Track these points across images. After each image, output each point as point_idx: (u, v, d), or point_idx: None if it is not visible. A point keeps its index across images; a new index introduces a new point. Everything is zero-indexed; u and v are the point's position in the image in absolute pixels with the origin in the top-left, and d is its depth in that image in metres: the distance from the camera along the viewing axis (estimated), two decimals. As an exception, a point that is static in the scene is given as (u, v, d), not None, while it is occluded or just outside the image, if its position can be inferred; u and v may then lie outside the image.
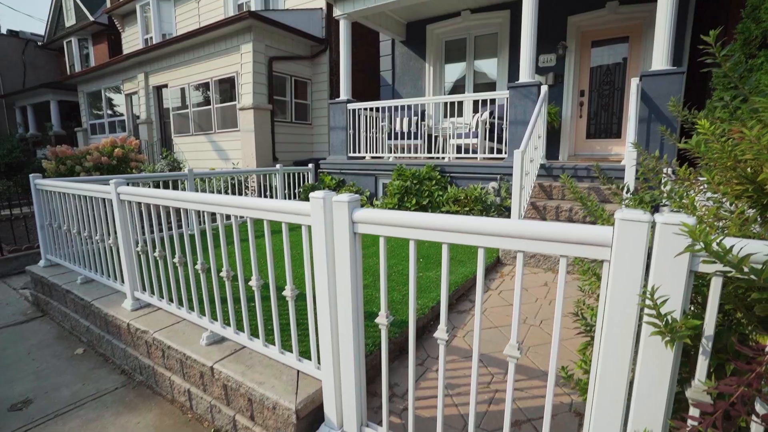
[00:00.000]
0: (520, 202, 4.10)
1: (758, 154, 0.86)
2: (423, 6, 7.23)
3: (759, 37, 3.10)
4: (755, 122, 1.12)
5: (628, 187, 2.01)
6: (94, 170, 7.35)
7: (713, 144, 1.23)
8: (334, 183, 6.79)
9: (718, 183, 1.17)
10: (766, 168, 0.86)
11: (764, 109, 0.91)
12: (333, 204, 1.59)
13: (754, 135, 0.87)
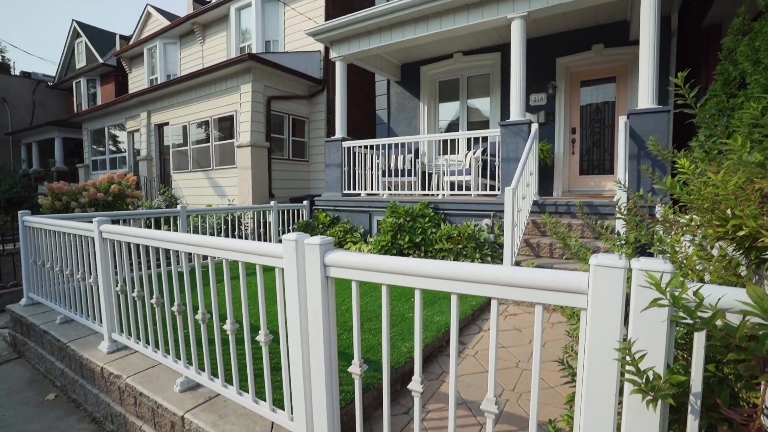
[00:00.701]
0: (512, 239, 4.04)
1: (725, 198, 0.82)
2: (417, 48, 7.50)
3: (737, 78, 3.16)
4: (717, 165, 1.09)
5: (613, 227, 1.97)
6: (89, 206, 7.35)
7: (693, 184, 1.20)
8: (328, 220, 6.77)
9: (698, 225, 1.13)
10: (736, 212, 0.82)
11: (733, 152, 0.88)
12: (305, 247, 1.54)
13: (720, 179, 0.84)
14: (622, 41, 6.35)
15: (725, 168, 1.06)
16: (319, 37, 6.89)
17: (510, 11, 5.36)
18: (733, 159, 0.77)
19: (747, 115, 1.21)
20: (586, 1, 5.00)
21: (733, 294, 0.83)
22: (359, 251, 6.01)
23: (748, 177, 0.78)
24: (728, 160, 1.14)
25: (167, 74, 13.25)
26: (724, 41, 3.43)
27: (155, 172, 11.45)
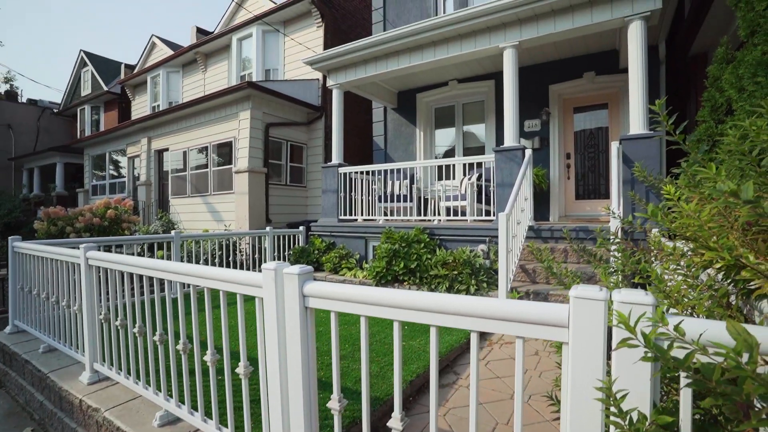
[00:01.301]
0: (507, 265, 3.99)
1: (699, 230, 0.79)
2: (413, 76, 7.66)
3: (724, 104, 3.19)
4: (699, 192, 1.07)
5: (600, 254, 1.93)
6: (84, 231, 7.32)
7: (677, 211, 1.17)
8: (324, 246, 6.72)
9: (681, 253, 1.09)
10: (710, 243, 0.79)
11: (708, 179, 0.86)
12: (284, 276, 1.50)
13: (693, 209, 0.81)
14: (613, 69, 6.48)
15: (698, 197, 1.04)
16: (317, 66, 7.04)
17: (502, 41, 5.49)
18: (708, 188, 0.75)
19: (729, 141, 1.20)
20: (575, 31, 5.12)
21: (715, 329, 0.79)
22: (354, 277, 5.94)
23: (724, 206, 0.76)
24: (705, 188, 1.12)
25: (169, 101, 13.50)
26: (709, 69, 3.49)
27: (154, 197, 11.48)
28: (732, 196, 0.68)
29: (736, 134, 1.01)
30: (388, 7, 8.83)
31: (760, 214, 0.67)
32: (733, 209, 0.87)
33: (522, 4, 5.14)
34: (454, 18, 5.59)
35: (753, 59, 2.67)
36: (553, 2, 5.01)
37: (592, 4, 4.94)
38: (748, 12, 2.76)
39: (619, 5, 4.77)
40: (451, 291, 4.81)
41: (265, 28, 10.49)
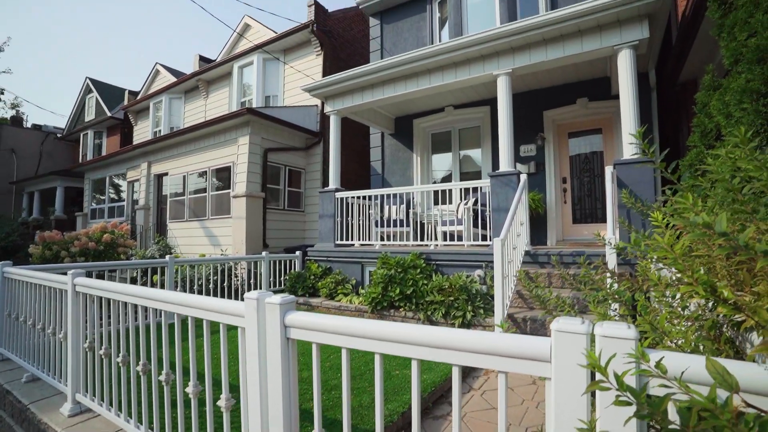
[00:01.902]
0: (503, 291, 3.94)
1: (674, 263, 0.78)
2: (409, 103, 7.79)
3: (714, 130, 3.23)
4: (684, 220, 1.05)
5: (587, 281, 1.90)
6: (79, 256, 7.28)
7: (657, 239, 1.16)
8: (320, 271, 6.66)
9: (666, 283, 1.07)
10: (685, 277, 0.76)
11: (685, 210, 0.85)
12: (266, 306, 1.47)
13: (666, 241, 0.79)
14: (605, 95, 6.60)
15: (669, 230, 1.03)
16: (315, 93, 7.17)
17: (495, 68, 5.61)
18: (683, 220, 0.73)
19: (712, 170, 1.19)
20: (566, 59, 5.24)
21: (697, 366, 0.76)
22: (350, 303, 5.86)
23: (698, 239, 0.74)
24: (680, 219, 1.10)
25: (170, 126, 13.70)
26: (697, 96, 3.55)
27: (152, 221, 11.47)
28: (705, 228, 0.67)
29: (715, 163, 1.00)
30: (385, 36, 9.08)
31: (734, 246, 0.65)
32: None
33: (514, 34, 5.29)
34: (448, 47, 5.73)
35: (738, 86, 2.71)
36: (545, 31, 5.15)
37: (581, 34, 5.07)
38: (730, 42, 2.83)
39: (608, 35, 4.90)
40: (447, 317, 4.74)
41: (265, 56, 10.76)
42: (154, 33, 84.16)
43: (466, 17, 7.79)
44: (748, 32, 2.68)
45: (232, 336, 2.58)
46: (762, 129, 2.62)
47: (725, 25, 2.91)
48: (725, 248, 0.65)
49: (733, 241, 0.64)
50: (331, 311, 5.97)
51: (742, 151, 0.89)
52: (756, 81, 2.59)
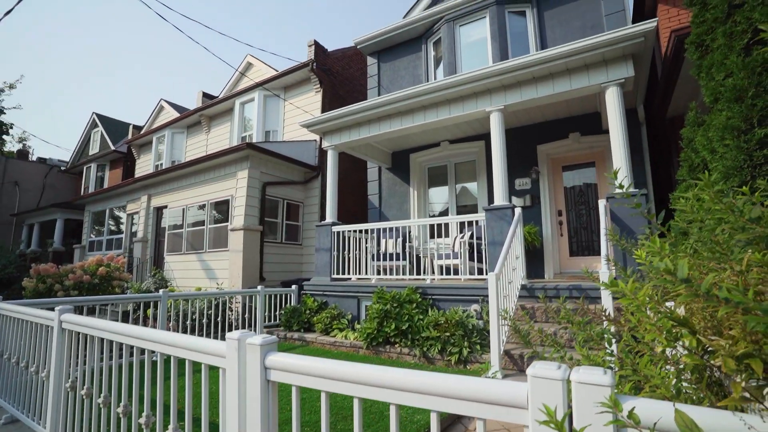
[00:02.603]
0: (498, 327, 3.87)
1: (637, 310, 0.77)
2: (406, 138, 7.95)
3: (701, 164, 3.28)
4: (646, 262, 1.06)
5: (572, 318, 1.87)
6: (73, 289, 7.22)
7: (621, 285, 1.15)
8: (316, 305, 6.57)
9: (648, 327, 1.06)
10: (647, 326, 0.76)
11: (653, 254, 0.85)
12: (246, 347, 1.44)
13: (629, 289, 0.79)
14: (597, 130, 6.74)
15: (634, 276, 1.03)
16: (313, 129, 7.34)
17: (488, 105, 5.77)
18: (647, 265, 0.74)
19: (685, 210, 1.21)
20: (556, 96, 5.40)
21: (669, 417, 0.74)
22: (345, 339, 5.74)
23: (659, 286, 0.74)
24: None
25: (172, 160, 13.92)
26: (683, 131, 3.63)
27: (149, 254, 11.44)
28: (668, 275, 0.67)
29: (687, 204, 1.02)
30: (382, 73, 9.40)
31: (696, 293, 0.65)
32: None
33: (505, 72, 5.48)
34: (442, 84, 5.92)
35: (719, 124, 2.78)
36: (534, 70, 5.34)
37: (570, 72, 5.25)
38: (709, 81, 2.93)
39: (595, 73, 5.08)
40: (443, 353, 4.63)
41: (266, 93, 11.09)
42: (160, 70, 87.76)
43: (460, 57, 8.09)
44: (724, 73, 2.78)
45: (216, 375, 2.51)
46: (745, 164, 2.67)
47: (703, 65, 3.03)
48: (688, 295, 0.65)
49: (695, 288, 0.64)
50: (326, 347, 5.84)
51: (708, 194, 0.91)
52: (735, 118, 2.66)
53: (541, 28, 7.55)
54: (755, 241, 0.84)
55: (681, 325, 0.95)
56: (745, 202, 0.94)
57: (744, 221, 0.83)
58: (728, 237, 0.89)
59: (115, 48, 73.58)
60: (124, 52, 77.18)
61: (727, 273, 1.03)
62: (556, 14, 7.44)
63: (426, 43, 8.85)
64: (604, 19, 6.83)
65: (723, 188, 2.99)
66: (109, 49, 72.11)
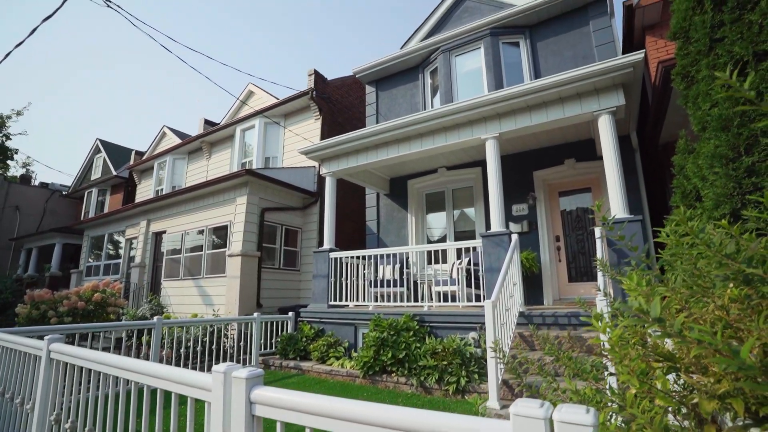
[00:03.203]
0: (496, 356, 3.79)
1: (611, 351, 0.77)
2: (403, 164, 8.04)
3: (693, 191, 3.31)
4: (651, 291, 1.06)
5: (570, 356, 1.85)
6: (67, 316, 7.13)
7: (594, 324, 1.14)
8: (312, 333, 6.48)
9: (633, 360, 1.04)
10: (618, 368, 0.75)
11: (630, 290, 0.85)
12: (232, 380, 1.42)
13: (602, 327, 0.79)
14: (591, 156, 6.83)
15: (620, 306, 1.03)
16: (311, 156, 7.44)
17: (483, 133, 5.87)
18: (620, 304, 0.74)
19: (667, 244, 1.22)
20: (550, 124, 5.51)
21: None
22: (342, 367, 5.63)
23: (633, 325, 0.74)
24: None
25: (173, 185, 14.03)
26: (674, 159, 3.68)
27: (146, 279, 11.36)
28: (641, 313, 0.67)
29: (668, 238, 1.03)
30: (380, 102, 9.61)
31: (669, 333, 0.65)
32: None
33: (500, 101, 5.60)
34: (438, 113, 6.04)
35: (708, 152, 2.83)
36: (528, 99, 5.46)
37: (562, 101, 5.37)
38: (696, 111, 2.99)
39: (587, 102, 5.19)
40: (440, 383, 4.53)
41: (267, 120, 11.30)
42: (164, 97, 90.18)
43: (456, 85, 8.29)
44: (710, 103, 2.85)
45: (203, 407, 2.45)
46: (735, 192, 2.69)
47: (690, 96, 3.10)
48: (661, 335, 0.65)
49: (667, 328, 0.64)
50: (322, 376, 5.73)
51: (685, 228, 0.92)
52: (723, 147, 2.71)
53: (535, 58, 7.77)
54: (733, 276, 0.84)
55: (667, 360, 0.94)
56: (723, 237, 0.95)
57: (720, 257, 0.83)
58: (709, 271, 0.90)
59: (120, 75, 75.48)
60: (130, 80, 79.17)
61: (711, 307, 1.03)
62: (549, 45, 7.67)
63: (423, 72, 9.09)
64: (595, 49, 7.04)
65: (716, 215, 2.98)
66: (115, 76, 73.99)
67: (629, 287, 0.84)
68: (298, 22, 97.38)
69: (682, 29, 3.22)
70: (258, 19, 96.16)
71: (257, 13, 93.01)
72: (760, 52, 2.55)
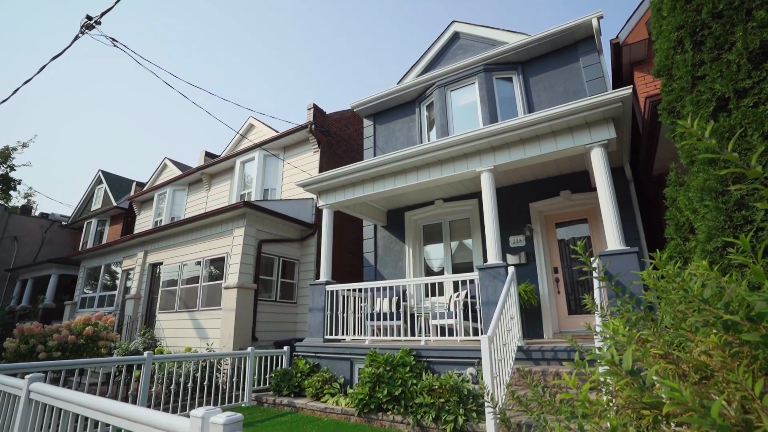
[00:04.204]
0: (493, 406, 3.68)
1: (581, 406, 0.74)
2: (400, 197, 8.09)
3: (686, 223, 3.31)
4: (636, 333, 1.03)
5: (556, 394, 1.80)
6: (56, 351, 6.98)
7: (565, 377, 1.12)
8: (308, 368, 6.31)
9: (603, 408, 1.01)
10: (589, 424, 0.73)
11: (606, 338, 0.83)
12: (210, 426, 1.37)
13: (572, 383, 0.77)
14: (587, 187, 6.87)
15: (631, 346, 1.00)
16: (308, 188, 7.50)
17: (478, 165, 5.94)
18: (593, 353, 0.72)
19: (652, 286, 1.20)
20: (543, 156, 5.58)
21: None
22: (336, 404, 5.45)
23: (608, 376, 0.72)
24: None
25: (172, 216, 14.07)
26: (666, 191, 3.71)
27: (141, 312, 11.19)
28: (612, 366, 0.65)
29: (649, 280, 1.01)
30: (378, 135, 9.79)
31: (640, 387, 0.63)
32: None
33: (493, 135, 5.70)
34: (433, 146, 6.13)
35: (697, 185, 2.85)
36: (521, 132, 5.56)
37: (555, 134, 5.47)
38: (684, 145, 3.04)
39: (579, 135, 5.28)
40: (438, 421, 4.37)
41: (266, 153, 11.48)
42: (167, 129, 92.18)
43: (452, 119, 8.47)
44: (696, 137, 2.89)
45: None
46: (726, 225, 2.69)
47: (677, 130, 3.16)
48: (634, 389, 0.63)
49: (638, 381, 0.62)
50: (316, 414, 5.53)
51: (663, 272, 0.91)
52: (711, 180, 2.73)
53: (528, 92, 7.99)
54: (712, 322, 0.82)
55: (652, 408, 0.91)
56: (704, 278, 0.94)
57: (698, 302, 0.82)
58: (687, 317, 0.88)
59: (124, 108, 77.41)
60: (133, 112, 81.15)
61: (696, 352, 1.00)
62: (541, 80, 7.90)
63: (419, 106, 9.32)
64: (586, 84, 7.24)
65: (709, 248, 2.96)
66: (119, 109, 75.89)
67: (604, 335, 0.82)
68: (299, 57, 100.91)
69: (665, 67, 3.32)
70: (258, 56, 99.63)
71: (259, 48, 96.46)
72: (740, 89, 2.62)
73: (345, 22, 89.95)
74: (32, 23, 45.89)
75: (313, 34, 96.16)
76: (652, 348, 0.95)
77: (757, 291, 0.73)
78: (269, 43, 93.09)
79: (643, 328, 1.18)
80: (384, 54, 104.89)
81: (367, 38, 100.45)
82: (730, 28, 2.73)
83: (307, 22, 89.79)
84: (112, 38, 6.26)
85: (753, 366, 0.80)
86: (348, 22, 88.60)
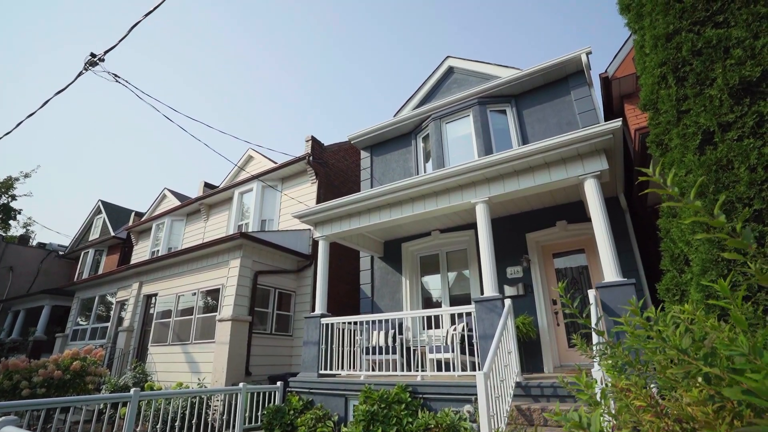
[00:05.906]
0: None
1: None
2: (397, 228, 8.07)
3: (681, 255, 3.27)
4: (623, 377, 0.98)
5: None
6: (41, 387, 6.76)
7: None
8: (301, 405, 6.09)
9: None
10: None
11: (577, 393, 0.79)
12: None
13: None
14: (583, 218, 6.86)
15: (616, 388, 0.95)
16: (305, 220, 7.50)
17: (473, 197, 5.95)
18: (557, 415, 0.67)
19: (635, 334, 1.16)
20: (537, 188, 5.60)
21: None
22: (329, 445, 5.22)
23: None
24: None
25: (169, 247, 14.00)
26: (659, 222, 3.70)
27: (133, 345, 10.94)
28: (578, 428, 0.61)
29: (627, 326, 0.98)
30: (375, 166, 9.89)
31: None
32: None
33: (488, 166, 5.74)
34: (429, 178, 6.17)
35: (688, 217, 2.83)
36: (515, 164, 5.60)
37: (548, 166, 5.51)
38: (674, 176, 3.05)
39: (572, 166, 5.32)
40: (434, 465, 4.16)
41: (264, 183, 11.56)
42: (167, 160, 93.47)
43: (447, 151, 8.58)
44: (685, 169, 2.91)
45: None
46: (719, 258, 2.66)
47: (665, 162, 3.18)
48: (605, 451, 0.58)
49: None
50: (308, 456, 5.28)
51: (639, 320, 0.87)
52: (701, 213, 2.71)
53: (522, 124, 8.13)
54: (693, 374, 0.78)
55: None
56: (682, 327, 0.91)
57: (677, 353, 0.78)
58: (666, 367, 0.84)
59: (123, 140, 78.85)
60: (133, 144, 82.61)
61: (683, 403, 0.95)
62: (534, 113, 8.06)
63: (415, 138, 9.46)
64: (578, 116, 7.38)
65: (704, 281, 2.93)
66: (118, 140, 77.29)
67: (577, 388, 0.78)
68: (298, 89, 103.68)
69: (650, 101, 3.39)
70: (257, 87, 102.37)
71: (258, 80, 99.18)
72: (724, 123, 2.65)
73: (345, 56, 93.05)
74: (36, 61, 47.47)
75: (313, 68, 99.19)
76: (635, 399, 0.91)
77: (734, 343, 0.69)
78: (272, 73, 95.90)
79: (631, 375, 1.13)
80: (386, 85, 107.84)
81: (369, 71, 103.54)
82: (710, 65, 2.79)
83: (310, 54, 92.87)
84: (114, 74, 6.41)
85: (737, 423, 0.76)
86: (348, 56, 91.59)
